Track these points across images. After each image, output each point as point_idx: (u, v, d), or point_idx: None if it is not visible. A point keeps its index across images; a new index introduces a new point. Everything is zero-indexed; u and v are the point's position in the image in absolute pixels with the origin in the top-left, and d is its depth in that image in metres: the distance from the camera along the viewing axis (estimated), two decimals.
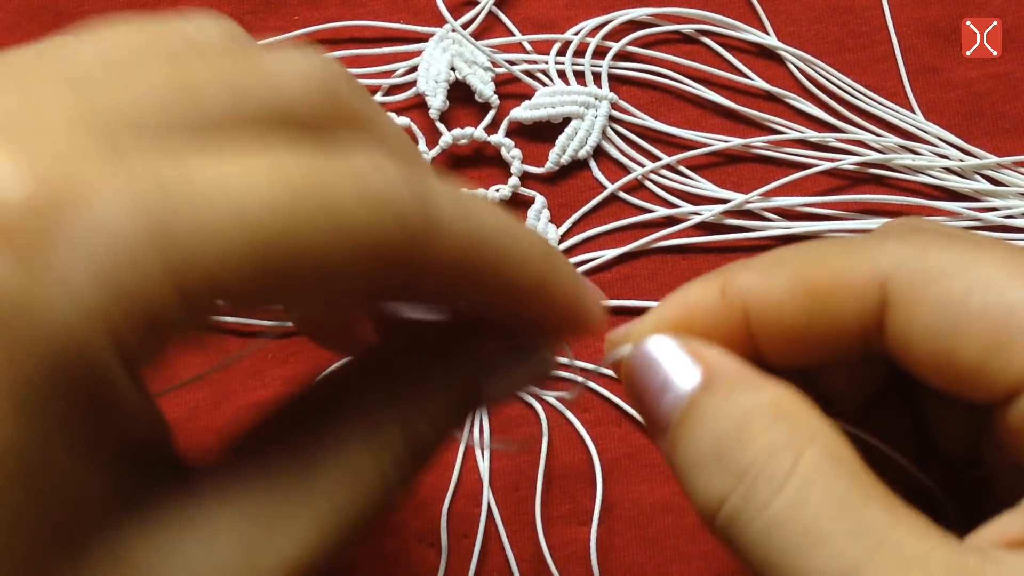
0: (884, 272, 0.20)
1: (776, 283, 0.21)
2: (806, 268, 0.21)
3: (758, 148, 0.36)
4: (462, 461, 0.33)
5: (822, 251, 0.21)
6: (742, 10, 0.37)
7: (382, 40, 0.36)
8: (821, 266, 0.21)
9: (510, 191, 0.35)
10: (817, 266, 0.21)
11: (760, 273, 0.21)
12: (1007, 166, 0.35)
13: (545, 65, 0.36)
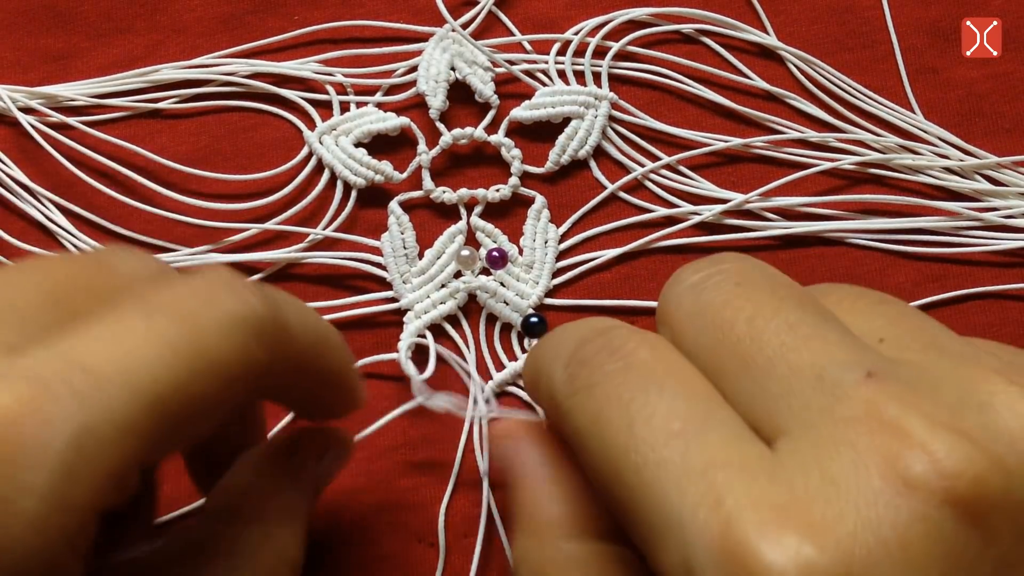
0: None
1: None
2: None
3: (758, 148, 0.36)
4: (461, 461, 0.33)
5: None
6: (742, 10, 0.37)
7: (382, 40, 0.36)
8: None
9: (510, 191, 0.35)
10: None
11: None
12: (1007, 166, 0.35)
13: (545, 65, 0.36)
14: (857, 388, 0.20)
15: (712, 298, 0.23)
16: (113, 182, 0.35)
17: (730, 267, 0.23)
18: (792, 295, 0.22)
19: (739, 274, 0.23)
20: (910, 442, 0.19)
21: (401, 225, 0.34)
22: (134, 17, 0.36)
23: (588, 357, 0.23)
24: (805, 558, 0.18)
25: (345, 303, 0.34)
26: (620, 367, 0.22)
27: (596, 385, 0.22)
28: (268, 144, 0.35)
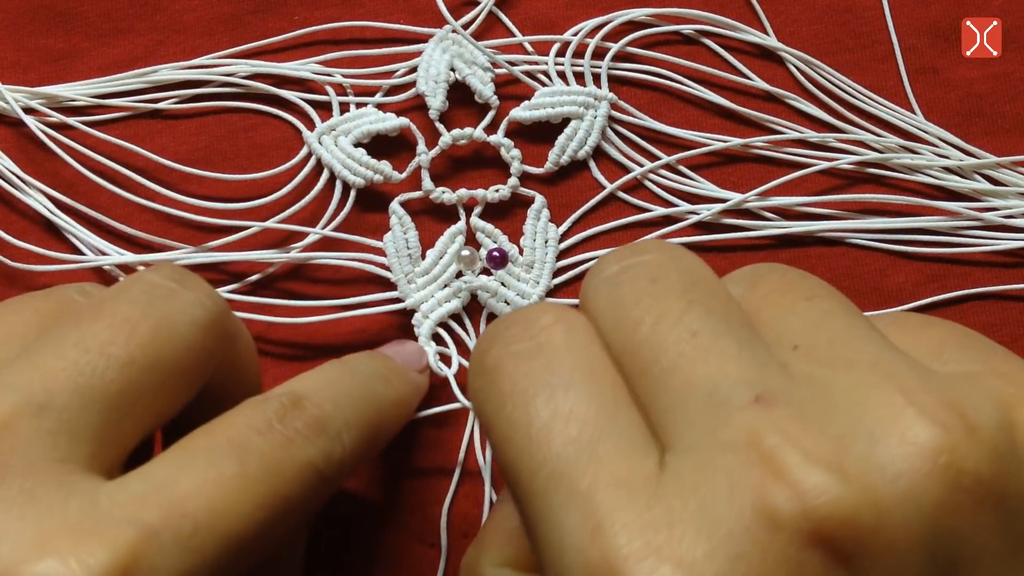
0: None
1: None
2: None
3: (758, 148, 0.36)
4: (463, 461, 0.33)
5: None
6: (742, 10, 0.37)
7: (382, 40, 0.36)
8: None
9: (509, 191, 0.35)
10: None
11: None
12: (1007, 166, 0.35)
13: (545, 66, 0.36)
14: (743, 412, 0.19)
15: (625, 294, 0.22)
16: (113, 182, 0.35)
17: (648, 260, 0.22)
18: (703, 298, 0.21)
19: (655, 268, 0.22)
20: (782, 477, 0.18)
21: (403, 225, 0.34)
22: (134, 17, 0.36)
23: (500, 332, 0.22)
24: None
25: (350, 303, 0.34)
26: (529, 348, 0.21)
27: (501, 369, 0.21)
28: (268, 144, 0.35)
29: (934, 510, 0.18)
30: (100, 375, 0.22)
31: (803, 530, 0.17)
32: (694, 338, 0.20)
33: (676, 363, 0.20)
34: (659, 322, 0.21)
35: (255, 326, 0.34)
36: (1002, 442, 0.18)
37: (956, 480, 0.18)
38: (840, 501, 0.18)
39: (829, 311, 0.21)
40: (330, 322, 0.34)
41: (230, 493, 0.21)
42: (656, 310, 0.21)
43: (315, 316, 0.34)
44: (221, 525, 0.21)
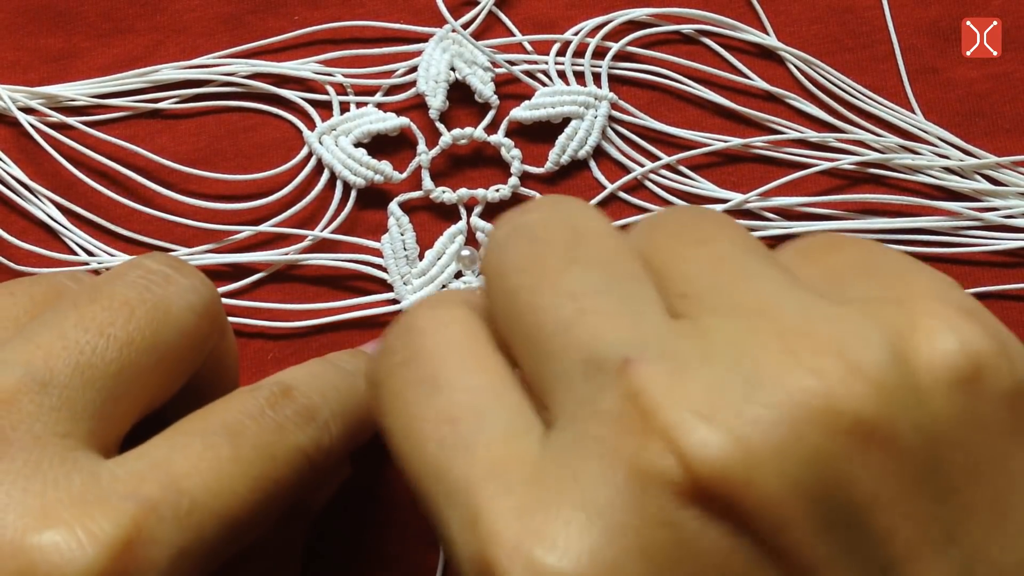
0: None
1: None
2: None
3: (758, 148, 0.36)
4: None
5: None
6: (742, 10, 0.37)
7: (382, 40, 0.36)
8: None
9: (510, 191, 0.35)
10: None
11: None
12: (1007, 166, 0.35)
13: (545, 65, 0.36)
14: (619, 376, 0.18)
15: (508, 261, 0.21)
16: (113, 182, 0.35)
17: (534, 219, 0.21)
18: (586, 255, 0.20)
19: (539, 228, 0.21)
20: (653, 435, 0.17)
21: (401, 226, 0.34)
22: (134, 17, 0.36)
23: (384, 348, 0.22)
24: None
25: (347, 305, 0.34)
26: (404, 358, 0.21)
27: (383, 383, 0.21)
28: (268, 144, 0.35)
29: (811, 457, 0.17)
30: (100, 354, 0.22)
31: (677, 486, 0.17)
32: (573, 299, 0.19)
33: (556, 330, 0.19)
34: (538, 287, 0.20)
35: (254, 326, 0.34)
36: (890, 377, 0.18)
37: (833, 424, 0.17)
38: (712, 453, 0.17)
39: (721, 254, 0.20)
40: (328, 323, 0.34)
41: (225, 473, 0.22)
42: (534, 275, 0.20)
43: (314, 319, 0.34)
44: (216, 504, 0.21)
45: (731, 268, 0.20)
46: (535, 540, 0.17)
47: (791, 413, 0.17)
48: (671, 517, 0.17)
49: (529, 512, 0.18)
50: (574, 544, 0.17)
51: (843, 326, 0.18)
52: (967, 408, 0.18)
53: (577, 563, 0.17)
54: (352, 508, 0.33)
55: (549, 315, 0.20)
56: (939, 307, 0.19)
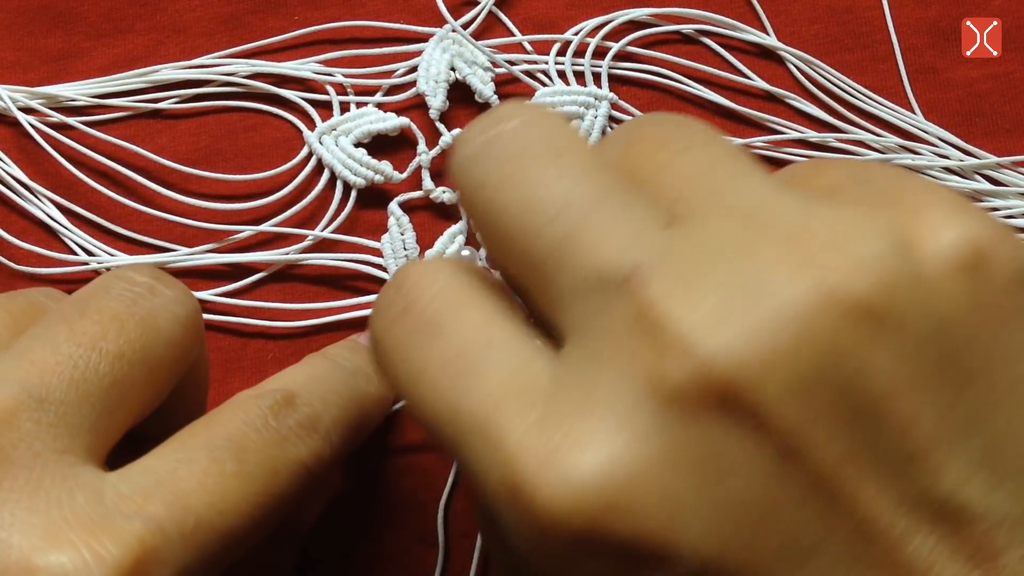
0: None
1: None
2: None
3: (758, 148, 0.36)
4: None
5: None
6: (742, 10, 0.37)
7: (382, 40, 0.36)
8: None
9: None
10: None
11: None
12: (1007, 166, 0.35)
13: (545, 65, 0.36)
14: (626, 287, 0.18)
15: (488, 176, 0.20)
16: (113, 182, 0.35)
17: (508, 130, 0.21)
18: (570, 165, 0.20)
19: (516, 140, 0.20)
20: (667, 343, 0.17)
21: (401, 226, 0.34)
22: (134, 17, 0.36)
23: (379, 306, 0.22)
24: (574, 485, 0.17)
25: (346, 304, 0.34)
26: (402, 308, 0.21)
27: (383, 340, 0.21)
28: (268, 144, 0.35)
29: (825, 351, 0.17)
30: (94, 369, 0.22)
31: (695, 392, 0.17)
32: (567, 211, 0.19)
33: (552, 245, 0.19)
34: (530, 202, 0.19)
35: (254, 326, 0.34)
36: (895, 267, 0.18)
37: (843, 316, 0.17)
38: (726, 357, 0.17)
39: (709, 160, 0.20)
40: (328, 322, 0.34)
41: (230, 490, 0.22)
42: (523, 189, 0.20)
43: (314, 319, 0.34)
44: (220, 521, 0.21)
45: (723, 172, 0.20)
46: (562, 449, 0.17)
47: (800, 309, 0.17)
48: (692, 422, 0.17)
49: (552, 425, 0.18)
50: (602, 450, 0.17)
51: (844, 224, 0.18)
52: (975, 294, 0.18)
53: (606, 468, 0.17)
54: (351, 508, 0.33)
55: (545, 231, 0.19)
56: (938, 200, 0.19)
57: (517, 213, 0.20)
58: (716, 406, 0.17)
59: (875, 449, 0.17)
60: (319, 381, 0.26)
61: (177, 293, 0.24)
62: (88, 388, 0.22)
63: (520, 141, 0.20)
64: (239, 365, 0.34)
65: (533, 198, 0.19)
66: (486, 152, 0.20)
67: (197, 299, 0.25)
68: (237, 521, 0.22)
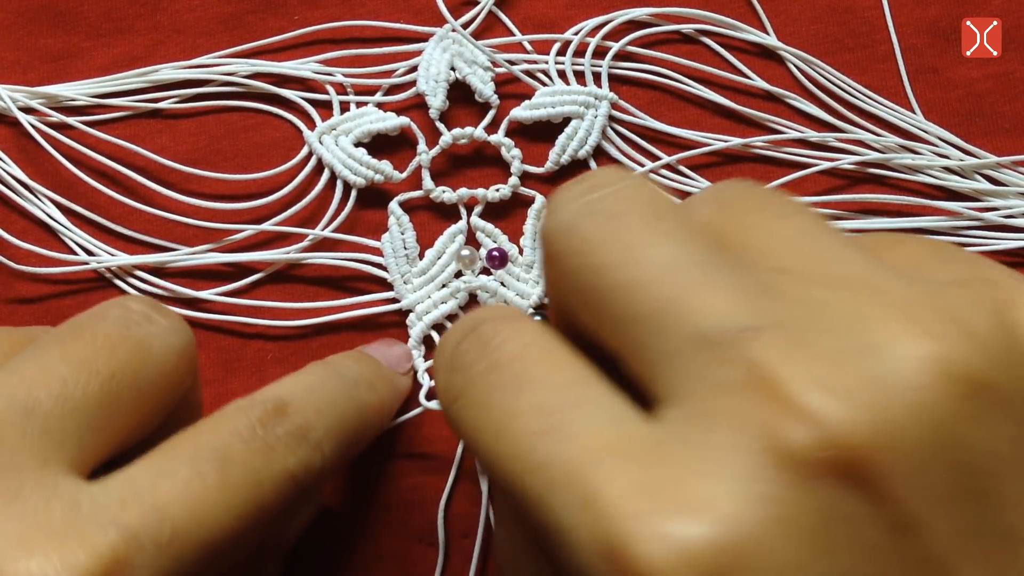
0: None
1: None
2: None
3: (758, 148, 0.36)
4: (460, 460, 0.33)
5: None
6: (742, 10, 0.37)
7: (382, 40, 0.36)
8: None
9: (510, 191, 0.35)
10: None
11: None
12: (1007, 166, 0.35)
13: (545, 65, 0.36)
14: (737, 346, 0.18)
15: (588, 236, 0.20)
16: (113, 182, 0.35)
17: (605, 194, 0.21)
18: (677, 227, 0.20)
19: (614, 203, 0.20)
20: (788, 408, 0.17)
21: (401, 226, 0.34)
22: (134, 17, 0.36)
23: (459, 361, 0.21)
24: (684, 547, 0.16)
25: (346, 304, 0.34)
26: (486, 367, 0.21)
27: (466, 393, 0.21)
28: (268, 144, 0.35)
29: (946, 421, 0.17)
30: (83, 387, 0.22)
31: (817, 459, 0.17)
32: (673, 273, 0.19)
33: (657, 306, 0.19)
34: (632, 262, 0.19)
35: (254, 326, 0.34)
36: (1002, 345, 0.18)
37: (962, 388, 0.17)
38: (851, 424, 0.17)
39: (806, 228, 0.20)
40: (328, 322, 0.34)
41: (210, 501, 0.22)
42: (625, 249, 0.20)
43: (314, 318, 0.34)
44: (199, 532, 0.21)
45: (820, 243, 0.20)
46: (669, 512, 0.17)
47: (916, 379, 0.17)
48: (807, 486, 0.17)
49: (655, 486, 0.17)
50: (712, 514, 0.17)
51: (949, 298, 0.18)
52: None
53: (719, 531, 0.17)
54: (349, 508, 0.33)
55: (647, 292, 0.19)
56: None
57: (619, 273, 0.19)
58: (837, 475, 0.17)
59: (979, 527, 0.17)
60: (315, 390, 0.26)
61: (172, 323, 0.24)
62: (75, 405, 0.22)
63: (622, 204, 0.20)
64: (239, 365, 0.34)
65: (637, 259, 0.19)
66: (588, 213, 0.20)
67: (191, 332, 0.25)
68: (217, 532, 0.21)
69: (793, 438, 0.17)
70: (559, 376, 0.20)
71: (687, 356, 0.18)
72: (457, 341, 0.22)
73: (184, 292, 0.34)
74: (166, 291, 0.34)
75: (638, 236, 0.20)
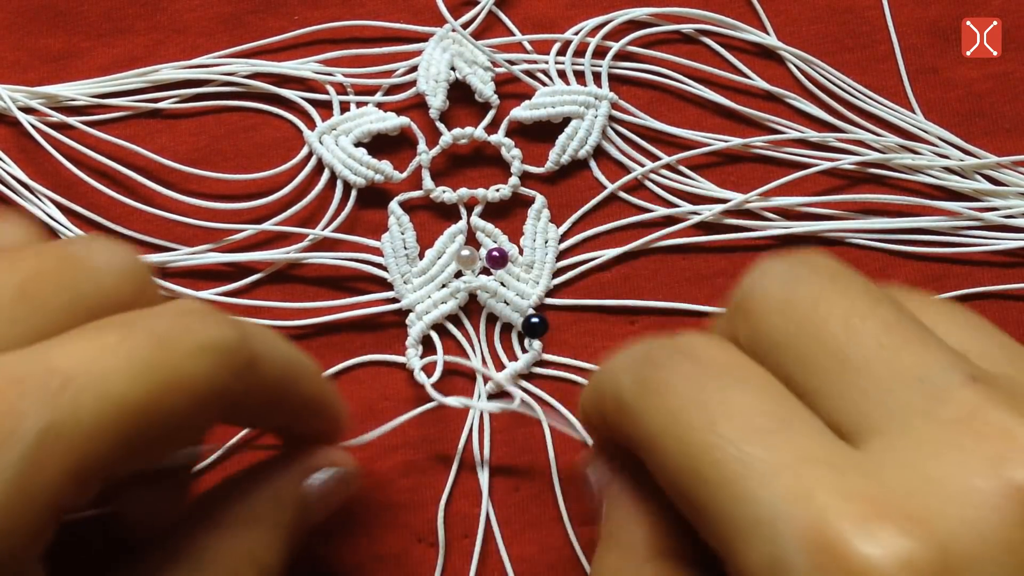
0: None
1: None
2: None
3: (758, 148, 0.36)
4: (460, 460, 0.33)
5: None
6: (742, 10, 0.37)
7: (382, 40, 0.36)
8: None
9: (510, 191, 0.35)
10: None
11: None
12: (1007, 166, 0.35)
13: (545, 65, 0.36)
14: (962, 390, 0.20)
15: (805, 292, 0.22)
16: (113, 182, 0.35)
17: (822, 263, 0.23)
18: (885, 297, 0.22)
19: (831, 270, 0.23)
20: (1017, 445, 0.19)
21: (401, 225, 0.34)
22: (134, 17, 0.36)
23: (660, 360, 0.23)
24: (904, 551, 0.18)
25: (346, 303, 0.34)
26: (694, 367, 0.22)
27: (671, 385, 0.22)
28: (268, 144, 0.35)
29: None
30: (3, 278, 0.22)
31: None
32: (890, 330, 0.21)
33: (877, 353, 0.21)
34: (850, 317, 0.21)
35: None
36: None
37: None
38: None
39: (984, 325, 0.23)
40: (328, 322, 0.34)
41: (109, 355, 0.20)
42: (843, 306, 0.22)
43: (314, 318, 0.34)
44: (102, 390, 0.20)
45: (998, 336, 0.23)
46: (891, 520, 0.18)
47: None
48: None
49: (875, 497, 0.18)
50: (930, 527, 0.18)
51: None
52: None
53: (937, 548, 0.18)
54: (351, 508, 0.33)
55: (869, 340, 0.21)
56: None
57: (839, 326, 0.21)
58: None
59: None
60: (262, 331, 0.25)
61: (114, 245, 0.23)
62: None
63: (833, 271, 0.23)
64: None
65: (855, 314, 0.22)
66: (801, 274, 0.23)
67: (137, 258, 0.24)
68: (122, 388, 0.20)
69: (1022, 472, 0.18)
70: (771, 388, 0.21)
71: (906, 396, 0.20)
72: (648, 348, 0.23)
73: (184, 292, 0.34)
74: (166, 291, 0.34)
75: (852, 299, 0.22)
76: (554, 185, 0.35)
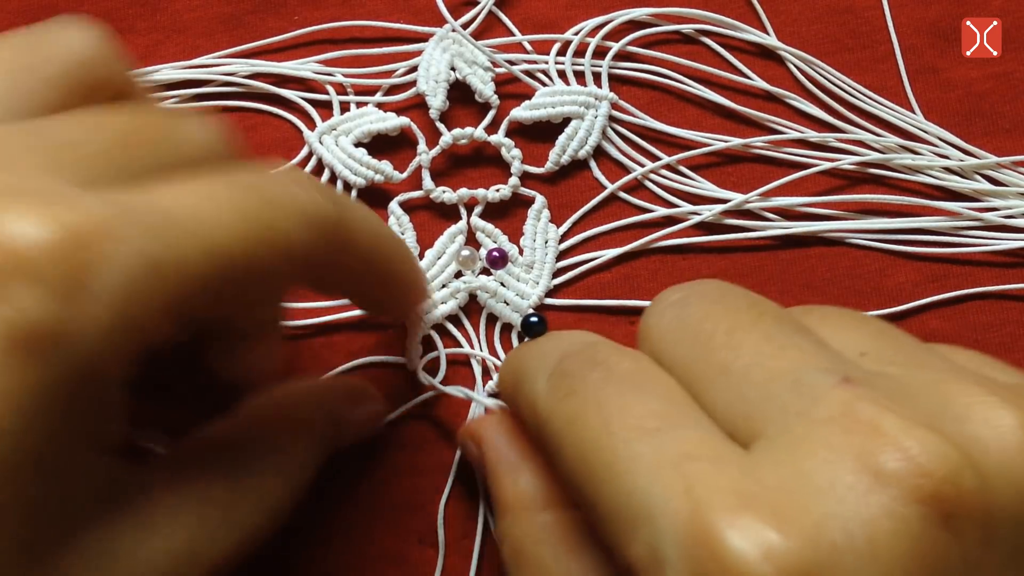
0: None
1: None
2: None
3: (758, 148, 0.36)
4: (459, 461, 0.33)
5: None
6: (742, 10, 0.37)
7: (382, 40, 0.36)
8: None
9: (510, 191, 0.35)
10: None
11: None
12: (1007, 166, 0.35)
13: (545, 65, 0.36)
14: (833, 390, 0.20)
15: (693, 312, 0.24)
16: None
17: (710, 287, 0.25)
18: (769, 311, 0.23)
19: (718, 292, 0.24)
20: (884, 440, 0.19)
21: (401, 226, 0.34)
22: (134, 17, 0.36)
23: (571, 368, 0.24)
24: (770, 544, 0.18)
25: (346, 304, 0.34)
26: (601, 376, 0.23)
27: (576, 392, 0.23)
28: (268, 144, 0.35)
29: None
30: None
31: (908, 487, 0.19)
32: (770, 339, 0.22)
33: (757, 360, 0.22)
34: (733, 330, 0.23)
35: None
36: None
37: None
38: (945, 460, 0.19)
39: (884, 329, 0.24)
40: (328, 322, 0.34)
41: (214, 205, 0.21)
42: (727, 321, 0.23)
43: (314, 318, 0.34)
44: (205, 233, 0.20)
45: (899, 337, 0.24)
46: (764, 515, 0.18)
47: (1009, 442, 0.19)
48: (898, 513, 0.18)
49: (753, 493, 0.19)
50: (798, 521, 0.18)
51: (1016, 390, 0.21)
52: None
53: (803, 537, 0.18)
54: (351, 509, 0.33)
55: (749, 350, 0.22)
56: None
57: (723, 339, 0.23)
58: (922, 501, 0.19)
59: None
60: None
61: (86, 25, 0.25)
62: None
63: (719, 293, 0.24)
64: None
65: (738, 328, 0.23)
66: (688, 300, 0.24)
67: (105, 40, 0.25)
68: (221, 233, 0.21)
69: (888, 465, 0.19)
70: (669, 393, 0.22)
71: (783, 399, 0.21)
72: (564, 353, 0.25)
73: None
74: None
75: (736, 315, 0.23)
76: (554, 185, 0.35)
